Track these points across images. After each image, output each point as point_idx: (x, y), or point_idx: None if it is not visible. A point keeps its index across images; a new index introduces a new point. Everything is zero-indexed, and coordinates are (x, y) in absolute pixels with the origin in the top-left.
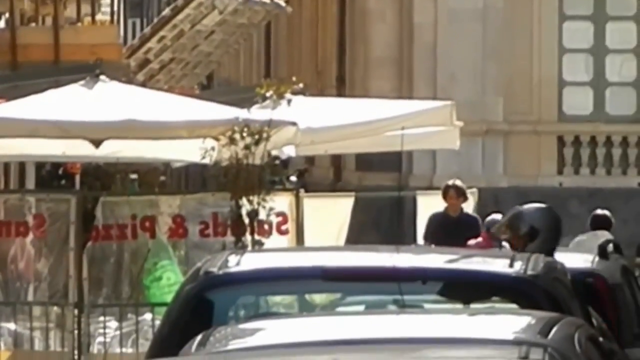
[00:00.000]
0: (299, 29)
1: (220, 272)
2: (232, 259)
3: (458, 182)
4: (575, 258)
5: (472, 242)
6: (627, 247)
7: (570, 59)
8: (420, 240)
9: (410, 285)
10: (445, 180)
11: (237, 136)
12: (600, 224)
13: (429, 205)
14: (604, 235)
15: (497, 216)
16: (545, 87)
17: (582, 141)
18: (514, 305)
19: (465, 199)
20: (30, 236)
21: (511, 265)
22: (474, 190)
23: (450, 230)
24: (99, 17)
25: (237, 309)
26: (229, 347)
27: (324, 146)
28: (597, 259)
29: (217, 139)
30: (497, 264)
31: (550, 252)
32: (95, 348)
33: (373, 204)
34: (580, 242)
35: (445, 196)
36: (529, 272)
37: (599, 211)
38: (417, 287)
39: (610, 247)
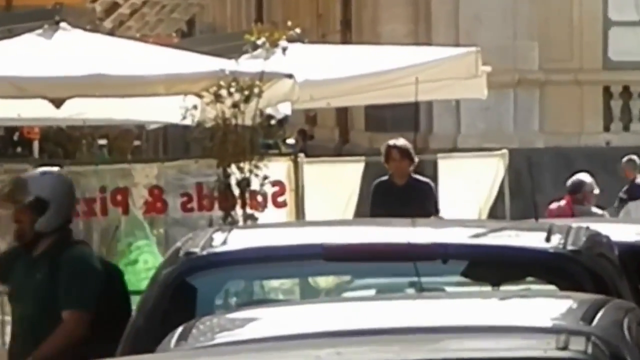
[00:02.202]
0: None
1: (204, 252)
2: (218, 237)
3: (401, 141)
4: (624, 230)
5: (552, 206)
6: None
7: None
8: (443, 211)
9: (429, 265)
10: (470, 141)
11: (223, 92)
12: None
13: (452, 170)
14: None
15: (583, 176)
16: (588, 28)
17: (632, 92)
18: (551, 287)
19: (412, 161)
20: None
21: (548, 239)
22: (504, 151)
23: (395, 200)
24: None
25: (224, 295)
26: (215, 341)
27: (325, 100)
28: None
29: (200, 96)
30: (531, 238)
31: (65, 224)
32: None
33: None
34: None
35: (387, 159)
36: (569, 247)
37: None
38: (436, 267)
39: None
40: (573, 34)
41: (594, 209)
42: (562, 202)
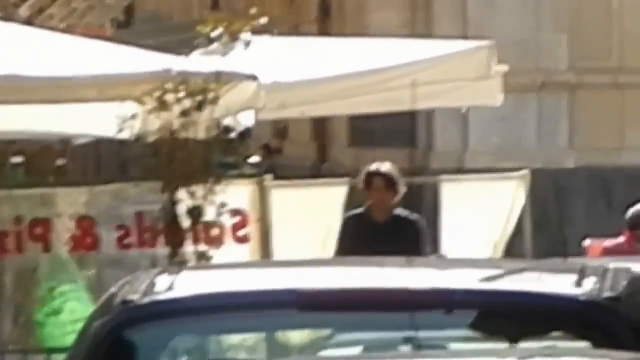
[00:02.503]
0: None
1: (145, 300)
2: (162, 281)
3: (386, 167)
4: None
5: (608, 243)
6: None
7: None
8: (446, 248)
9: (429, 316)
10: (481, 160)
11: (170, 97)
12: None
13: (458, 196)
14: None
15: None
16: (630, 17)
17: None
18: (583, 343)
19: (396, 193)
20: None
21: (579, 284)
22: (526, 172)
23: (371, 242)
24: None
25: (171, 354)
26: None
27: (299, 108)
28: None
29: (140, 102)
30: (558, 283)
31: None
32: None
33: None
34: None
35: (366, 187)
36: (606, 294)
37: None
38: (438, 318)
39: None
40: (612, 25)
41: None
42: (620, 239)
